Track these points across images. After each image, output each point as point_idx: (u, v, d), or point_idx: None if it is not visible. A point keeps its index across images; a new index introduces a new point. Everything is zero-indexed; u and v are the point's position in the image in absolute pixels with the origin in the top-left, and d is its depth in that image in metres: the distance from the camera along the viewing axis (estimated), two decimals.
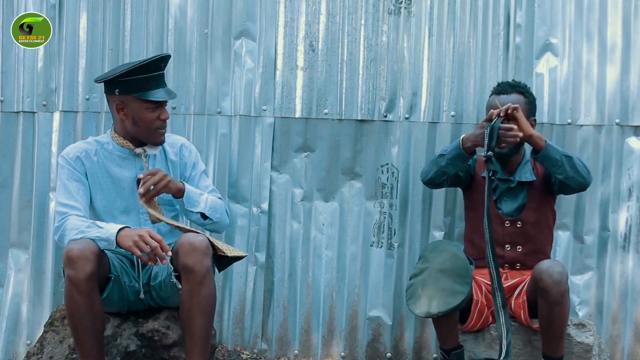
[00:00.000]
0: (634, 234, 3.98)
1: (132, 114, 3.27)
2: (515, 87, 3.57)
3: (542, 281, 3.27)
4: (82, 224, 3.14)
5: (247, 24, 4.02)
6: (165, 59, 3.33)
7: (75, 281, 2.97)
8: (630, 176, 3.98)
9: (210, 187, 3.46)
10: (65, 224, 3.17)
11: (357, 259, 4.03)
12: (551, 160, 3.39)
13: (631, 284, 3.98)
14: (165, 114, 3.31)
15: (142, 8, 4.00)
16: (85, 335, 3.02)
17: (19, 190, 4.01)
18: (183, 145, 3.46)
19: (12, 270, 4.00)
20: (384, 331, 4.01)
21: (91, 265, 2.98)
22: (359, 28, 4.01)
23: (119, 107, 3.28)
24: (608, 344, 3.96)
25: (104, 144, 3.36)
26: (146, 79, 3.25)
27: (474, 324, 3.52)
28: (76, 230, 3.12)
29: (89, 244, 3.03)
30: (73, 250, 2.99)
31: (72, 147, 3.36)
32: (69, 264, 2.98)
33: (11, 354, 4.00)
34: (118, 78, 3.22)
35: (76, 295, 2.98)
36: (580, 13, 3.99)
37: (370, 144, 4.02)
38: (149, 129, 3.30)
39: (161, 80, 3.32)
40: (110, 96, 3.31)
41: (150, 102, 3.27)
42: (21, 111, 4.01)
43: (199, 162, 3.48)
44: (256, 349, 4.03)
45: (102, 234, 3.08)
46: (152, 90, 3.27)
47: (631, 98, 3.98)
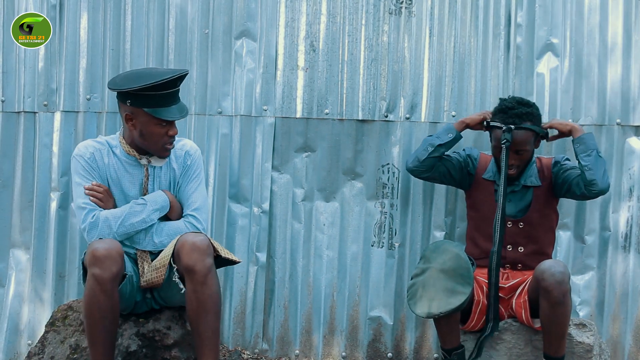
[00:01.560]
0: (634, 234, 3.99)
1: (141, 127, 3.25)
2: (525, 117, 3.52)
3: (544, 281, 3.28)
4: (120, 211, 3.25)
5: (247, 24, 4.02)
6: (182, 77, 3.28)
7: (100, 280, 2.99)
8: (631, 176, 3.99)
9: (195, 204, 3.38)
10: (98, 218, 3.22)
11: (358, 259, 4.03)
12: (585, 144, 3.49)
13: (632, 284, 3.99)
14: (173, 129, 3.28)
15: (143, 8, 4.00)
16: (102, 334, 3.04)
17: (20, 190, 4.01)
18: (187, 152, 3.42)
19: (13, 271, 4.01)
20: (384, 331, 4.02)
21: (117, 265, 3.02)
22: (360, 28, 4.02)
23: (129, 117, 3.25)
24: (609, 343, 3.96)
25: (113, 147, 3.35)
26: (160, 96, 3.21)
27: (475, 324, 3.52)
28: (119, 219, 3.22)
29: (114, 244, 3.06)
30: (99, 250, 3.01)
31: (86, 145, 3.35)
32: (96, 263, 3.00)
33: (12, 354, 4.00)
34: (132, 91, 3.19)
35: (99, 294, 2.99)
36: (581, 13, 4.00)
37: (371, 144, 4.02)
38: (157, 143, 3.28)
39: (175, 97, 3.28)
40: (121, 103, 3.27)
41: (160, 119, 3.24)
42: (22, 111, 4.01)
43: (195, 169, 3.42)
44: (257, 348, 4.03)
45: (154, 205, 3.26)
46: (164, 108, 3.23)
47: (632, 98, 3.99)
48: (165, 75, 3.20)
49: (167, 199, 3.33)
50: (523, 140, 3.51)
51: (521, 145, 3.52)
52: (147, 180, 3.34)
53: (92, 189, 3.27)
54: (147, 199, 3.29)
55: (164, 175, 3.38)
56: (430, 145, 3.65)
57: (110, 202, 3.30)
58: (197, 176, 3.41)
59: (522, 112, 3.53)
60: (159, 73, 3.23)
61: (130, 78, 3.23)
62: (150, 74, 3.22)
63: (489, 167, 3.67)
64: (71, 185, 3.49)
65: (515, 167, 3.56)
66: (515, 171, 3.56)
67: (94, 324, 3.03)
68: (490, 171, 3.66)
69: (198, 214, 3.35)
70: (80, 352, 3.34)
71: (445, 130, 3.68)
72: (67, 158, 3.96)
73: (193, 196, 3.38)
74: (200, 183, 3.42)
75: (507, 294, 3.55)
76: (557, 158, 3.67)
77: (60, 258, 4.00)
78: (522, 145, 3.52)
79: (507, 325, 3.56)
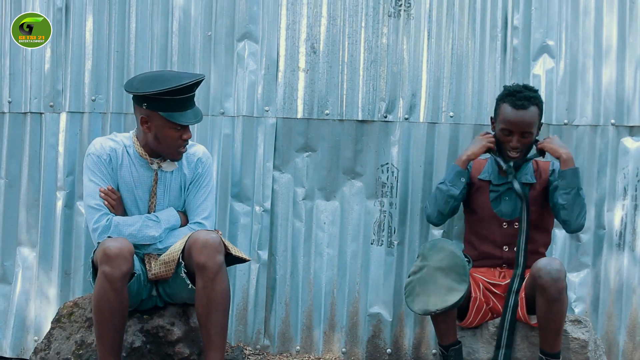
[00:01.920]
0: (629, 233, 3.99)
1: (156, 130, 3.24)
2: (532, 100, 3.51)
3: (541, 278, 3.28)
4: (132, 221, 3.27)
5: (249, 26, 4.02)
6: (199, 83, 3.26)
7: (111, 278, 2.99)
8: (625, 175, 3.98)
9: (204, 212, 3.40)
10: (111, 222, 3.23)
11: (358, 256, 4.04)
12: (567, 181, 3.43)
13: (626, 282, 3.98)
14: (187, 133, 3.26)
15: (147, 11, 4.01)
16: (110, 331, 3.05)
17: (27, 189, 4.03)
18: (200, 159, 3.42)
19: (20, 268, 4.02)
20: (384, 327, 4.03)
21: (128, 264, 3.02)
22: (360, 30, 4.01)
23: (144, 120, 3.24)
24: (603, 339, 3.95)
25: (127, 147, 3.34)
26: (176, 100, 3.19)
27: (472, 321, 3.53)
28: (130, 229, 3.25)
29: (125, 243, 3.06)
30: (111, 248, 3.01)
31: (102, 144, 3.33)
32: (107, 261, 3.00)
33: (19, 350, 4.02)
34: (148, 95, 3.18)
35: (110, 292, 3.00)
36: (576, 16, 3.98)
37: (371, 144, 4.02)
38: (170, 146, 3.27)
39: (191, 102, 3.26)
40: (137, 106, 3.26)
41: (175, 123, 3.23)
42: (29, 112, 4.03)
43: (206, 177, 3.43)
44: (259, 344, 4.05)
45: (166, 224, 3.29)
46: (179, 112, 3.21)
47: (626, 99, 3.98)
48: (183, 80, 3.18)
49: (179, 220, 3.36)
50: (530, 122, 3.49)
51: (528, 127, 3.49)
52: (155, 184, 3.35)
53: (107, 194, 3.27)
54: (161, 217, 3.31)
55: (174, 180, 3.38)
56: (450, 197, 3.56)
57: (120, 209, 3.31)
58: (208, 184, 3.42)
59: (530, 95, 3.51)
60: (176, 77, 3.21)
61: (147, 81, 3.21)
62: (167, 78, 3.20)
63: (485, 167, 3.66)
64: (80, 181, 3.47)
65: (519, 150, 3.53)
66: (519, 155, 3.54)
67: (103, 321, 3.04)
68: (487, 171, 3.64)
69: (207, 222, 3.37)
70: (85, 348, 3.35)
71: (456, 174, 3.57)
72: (72, 158, 4.00)
73: (203, 205, 3.39)
74: (210, 192, 3.42)
75: (503, 291, 3.55)
76: (554, 166, 3.61)
77: (66, 256, 4.01)
78: (529, 127, 3.49)
79: None
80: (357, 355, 4.04)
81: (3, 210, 4.05)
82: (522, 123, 3.50)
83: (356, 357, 4.04)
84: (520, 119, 3.50)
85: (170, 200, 3.39)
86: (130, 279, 3.12)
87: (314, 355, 4.04)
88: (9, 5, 4.03)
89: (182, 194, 3.41)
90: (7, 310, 4.03)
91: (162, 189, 3.37)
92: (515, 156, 3.54)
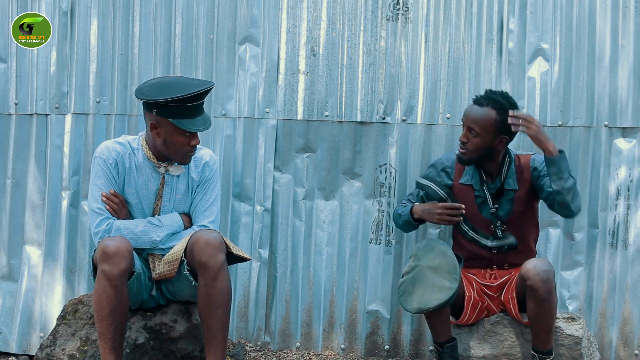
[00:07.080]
0: (621, 232, 3.99)
1: (165, 135, 3.24)
2: (492, 102, 3.42)
3: (530, 280, 3.30)
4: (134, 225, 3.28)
5: (251, 29, 4.05)
6: (209, 91, 3.26)
7: (109, 276, 3.01)
8: (618, 176, 3.99)
9: (210, 216, 3.40)
10: (112, 227, 3.25)
11: (357, 255, 4.05)
12: (558, 167, 3.33)
13: (619, 280, 3.99)
14: (196, 139, 3.26)
15: (151, 14, 4.03)
16: (111, 328, 3.05)
17: (33, 189, 4.06)
18: (207, 163, 3.42)
19: (26, 266, 4.05)
20: (382, 324, 4.04)
21: (126, 262, 3.03)
22: (359, 34, 4.03)
23: (153, 126, 3.24)
24: (597, 336, 3.97)
25: (135, 149, 3.34)
26: (186, 108, 3.19)
27: (468, 318, 3.55)
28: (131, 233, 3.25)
29: (124, 241, 3.07)
30: (110, 247, 3.02)
31: (109, 148, 3.32)
32: (105, 259, 3.01)
33: (25, 346, 4.04)
34: (159, 102, 3.17)
35: (109, 290, 3.01)
36: (570, 19, 3.99)
37: (369, 145, 4.04)
38: (179, 152, 3.27)
39: (200, 109, 3.25)
40: (147, 112, 3.26)
41: (184, 130, 3.23)
42: (35, 113, 4.06)
43: (212, 181, 3.42)
44: (260, 341, 4.07)
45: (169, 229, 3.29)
46: (189, 120, 3.20)
47: (619, 101, 3.99)
48: (193, 89, 3.17)
49: (182, 225, 3.36)
50: (478, 119, 3.40)
51: (474, 123, 3.40)
52: (162, 187, 3.36)
53: (109, 198, 3.28)
54: (164, 221, 3.32)
55: (181, 183, 3.39)
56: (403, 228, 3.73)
57: (124, 212, 3.31)
58: (214, 188, 3.43)
59: (494, 98, 3.42)
60: (186, 85, 3.20)
61: (158, 88, 3.20)
62: (177, 86, 3.19)
63: (465, 171, 3.58)
64: (85, 181, 3.44)
65: (465, 147, 3.45)
66: (465, 154, 3.46)
67: (103, 318, 3.04)
68: (467, 174, 3.58)
69: (212, 226, 3.38)
70: (90, 344, 3.36)
71: (405, 222, 3.67)
72: (77, 158, 4.03)
73: (210, 209, 3.40)
74: (217, 196, 3.43)
75: (496, 292, 3.57)
76: (536, 162, 3.54)
77: (71, 254, 4.04)
78: (475, 124, 3.40)
79: (499, 319, 3.57)
80: (355, 352, 4.06)
81: (9, 209, 4.08)
82: (470, 115, 3.43)
83: (355, 353, 4.06)
84: (469, 111, 3.46)
85: (175, 204, 3.40)
86: (130, 277, 3.14)
87: (313, 352, 4.06)
88: (15, 9, 4.06)
89: (187, 197, 3.41)
90: (14, 307, 4.06)
91: (168, 192, 3.37)
92: (462, 152, 3.47)
